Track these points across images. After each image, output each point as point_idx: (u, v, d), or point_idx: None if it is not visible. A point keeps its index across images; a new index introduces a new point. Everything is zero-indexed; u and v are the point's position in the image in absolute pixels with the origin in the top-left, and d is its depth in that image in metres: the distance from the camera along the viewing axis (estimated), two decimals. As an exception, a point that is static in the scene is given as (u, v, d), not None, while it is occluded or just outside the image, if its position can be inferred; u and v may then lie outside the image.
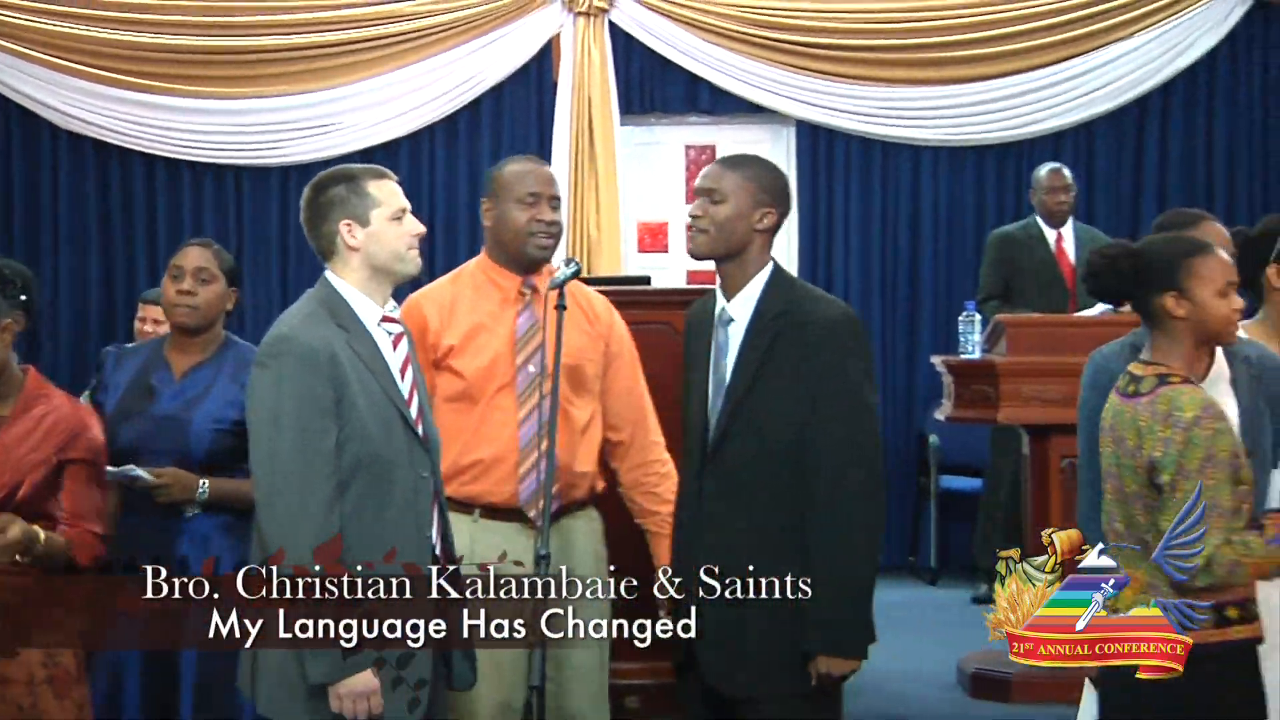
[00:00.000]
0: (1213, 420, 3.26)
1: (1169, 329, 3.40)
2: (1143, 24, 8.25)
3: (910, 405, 8.37)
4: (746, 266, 3.75)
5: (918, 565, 8.15)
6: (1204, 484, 3.22)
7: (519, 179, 3.97)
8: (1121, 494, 3.37)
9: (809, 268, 8.32)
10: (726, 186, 3.71)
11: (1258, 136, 8.48)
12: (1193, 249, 3.49)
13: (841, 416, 3.67)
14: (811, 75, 8.28)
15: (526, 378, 3.93)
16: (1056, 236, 7.41)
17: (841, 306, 3.89)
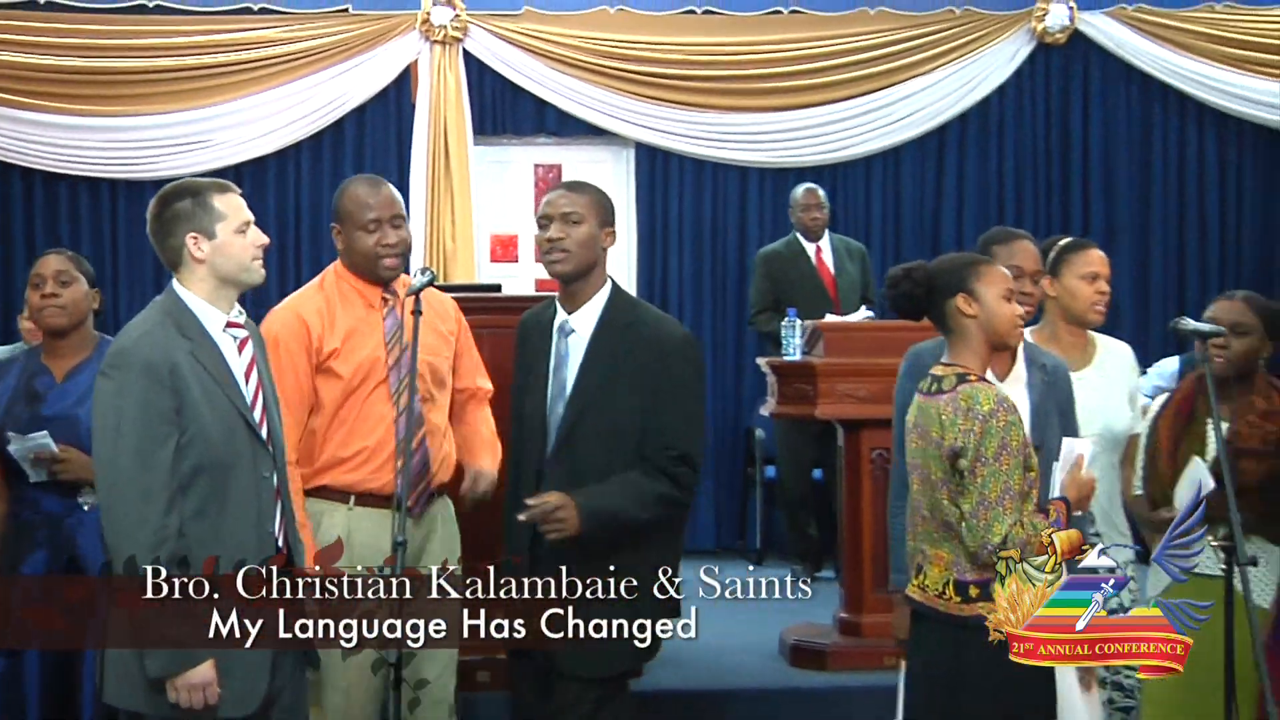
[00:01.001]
0: (1006, 413, 3.37)
1: (963, 329, 3.50)
2: (941, 61, 8.42)
3: (738, 403, 8.43)
4: (591, 283, 3.81)
5: (745, 547, 8.20)
6: (1000, 469, 3.32)
7: (360, 208, 3.93)
8: (929, 481, 3.46)
9: (646, 277, 8.40)
10: (582, 208, 3.78)
11: (1041, 161, 8.67)
12: (977, 259, 3.61)
13: (682, 426, 3.77)
14: (650, 102, 8.33)
15: (398, 375, 3.91)
16: (816, 250, 7.55)
17: (681, 326, 4.03)
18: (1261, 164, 8.75)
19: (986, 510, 3.33)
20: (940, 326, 3.57)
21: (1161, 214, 8.71)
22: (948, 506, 3.42)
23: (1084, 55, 8.61)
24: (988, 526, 3.32)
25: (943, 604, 3.43)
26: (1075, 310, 4.25)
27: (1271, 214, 8.77)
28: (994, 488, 3.33)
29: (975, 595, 3.36)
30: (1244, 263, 8.67)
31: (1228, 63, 8.51)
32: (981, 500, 3.34)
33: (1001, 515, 3.32)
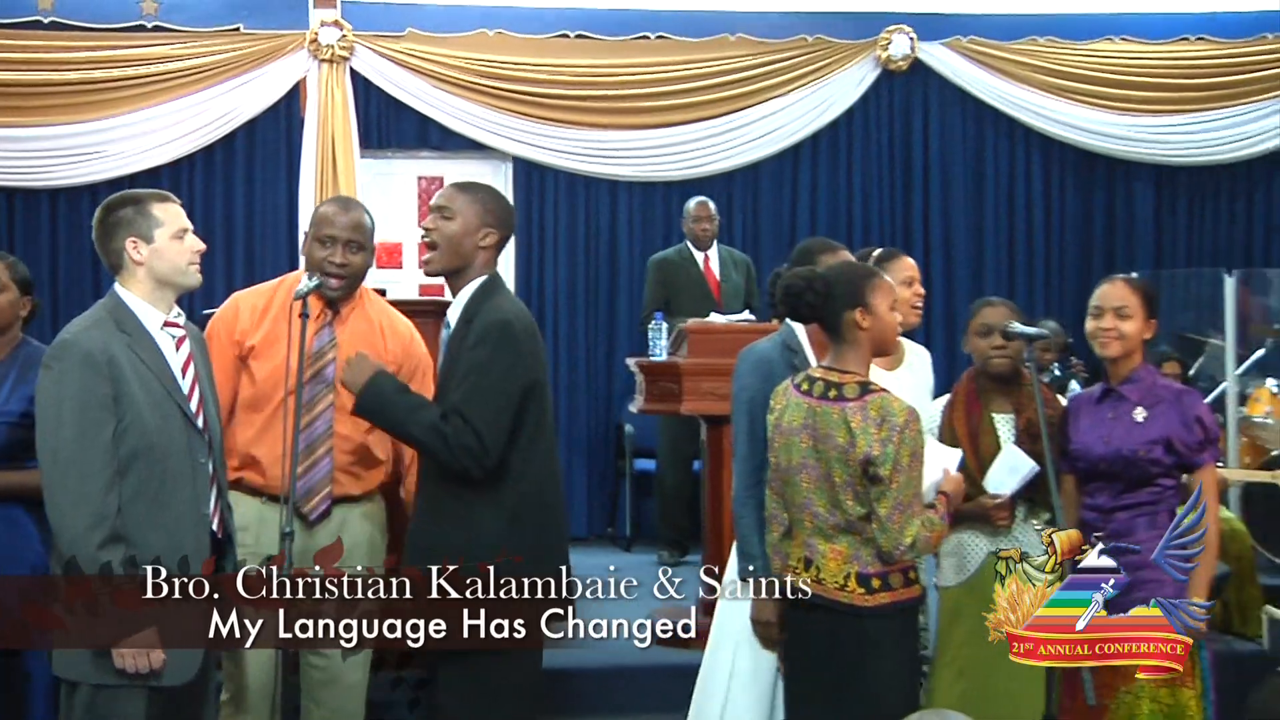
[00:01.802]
0: (916, 423, 3.43)
1: (854, 339, 3.52)
2: (795, 85, 8.50)
3: (609, 399, 8.46)
4: (465, 279, 3.64)
5: (615, 534, 8.26)
6: (912, 476, 3.40)
7: (323, 221, 3.89)
8: (828, 482, 3.47)
9: (524, 284, 8.39)
10: (457, 205, 3.61)
11: (886, 178, 8.78)
12: (872, 273, 3.65)
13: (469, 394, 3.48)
14: (527, 119, 8.32)
15: (315, 387, 3.83)
16: (704, 258, 7.62)
17: (505, 313, 3.60)
18: (1080, 182, 8.96)
19: (901, 514, 3.39)
20: (831, 333, 3.58)
21: (993, 226, 8.89)
22: (852, 506, 3.45)
23: (924, 82, 8.74)
24: (902, 529, 3.38)
25: (845, 596, 3.47)
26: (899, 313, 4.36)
27: (1089, 227, 9.00)
28: (907, 494, 3.39)
29: (878, 586, 3.45)
30: (1066, 270, 8.90)
31: (1051, 91, 8.71)
32: (897, 505, 3.39)
33: (912, 519, 3.39)
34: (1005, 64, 8.69)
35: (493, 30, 8.34)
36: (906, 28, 8.60)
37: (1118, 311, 3.86)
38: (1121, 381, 3.90)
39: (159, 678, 3.18)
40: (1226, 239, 9.08)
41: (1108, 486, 3.85)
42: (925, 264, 8.36)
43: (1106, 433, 3.85)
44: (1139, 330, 3.88)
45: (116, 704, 3.19)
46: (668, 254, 7.76)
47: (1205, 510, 3.73)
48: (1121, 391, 3.89)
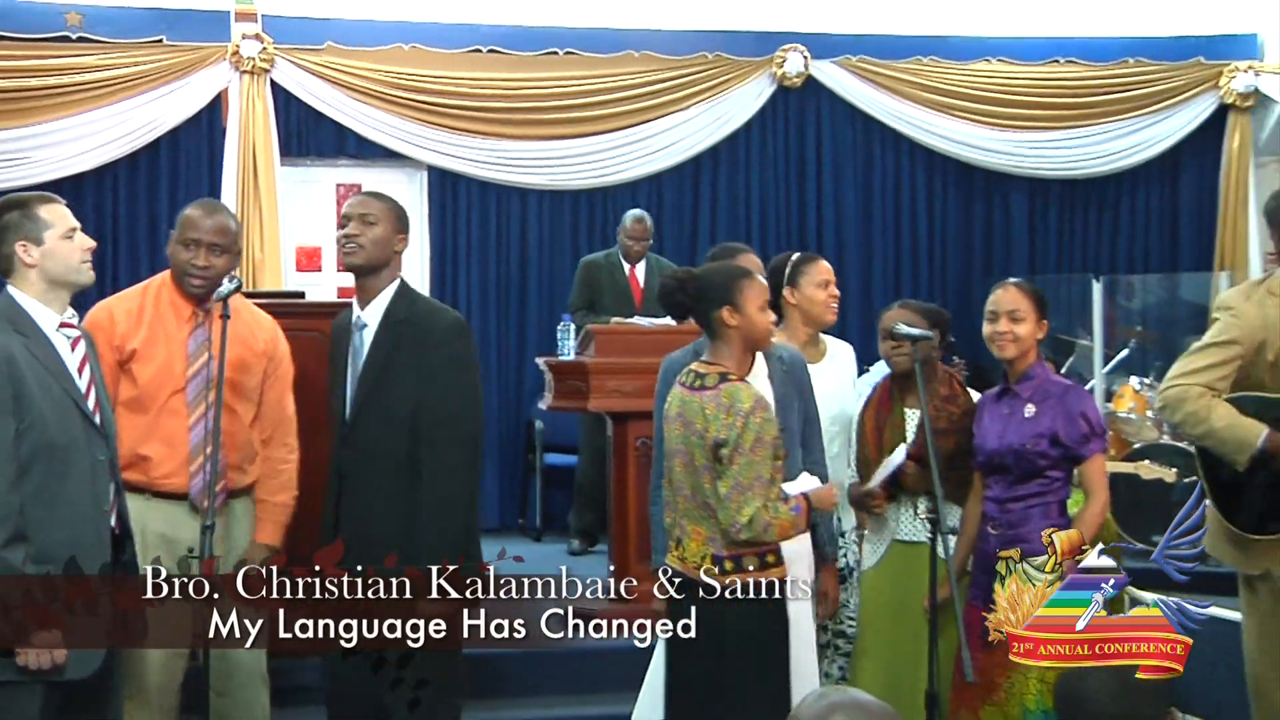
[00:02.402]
0: (763, 411, 3.49)
1: (725, 336, 3.58)
2: (696, 99, 8.52)
3: (519, 396, 8.45)
4: (381, 281, 3.80)
5: (526, 525, 8.22)
6: (753, 459, 3.43)
7: (188, 224, 3.85)
8: (692, 466, 3.52)
9: (438, 286, 8.35)
10: (377, 212, 3.78)
11: (782, 188, 8.83)
12: (741, 274, 3.68)
13: (453, 404, 3.76)
14: (441, 129, 8.28)
15: (197, 386, 3.81)
16: (631, 267, 7.62)
17: (455, 314, 3.98)
18: (960, 193, 9.08)
19: (739, 494, 3.43)
20: (705, 330, 3.65)
21: (881, 233, 8.98)
22: (708, 489, 3.50)
23: (817, 98, 8.80)
24: (738, 508, 3.43)
25: (704, 574, 3.50)
26: (814, 314, 4.38)
27: (968, 234, 9.13)
28: (747, 475, 3.44)
29: (730, 569, 3.48)
30: (948, 274, 9.03)
31: (934, 107, 8.81)
32: (735, 485, 3.44)
33: (751, 499, 3.42)
34: (892, 82, 8.79)
35: (409, 45, 8.29)
36: (801, 47, 8.66)
37: (1011, 315, 3.92)
38: (1017, 380, 3.96)
39: (60, 673, 3.11)
40: (1094, 247, 9.26)
41: (1003, 479, 3.91)
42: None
43: (1001, 428, 3.92)
44: (1032, 332, 3.94)
45: (14, 700, 3.12)
46: (597, 258, 7.72)
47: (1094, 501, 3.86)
48: (1016, 390, 3.95)
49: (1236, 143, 9.03)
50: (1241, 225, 9.00)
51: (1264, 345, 3.85)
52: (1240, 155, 9.03)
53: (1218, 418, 3.79)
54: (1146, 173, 9.20)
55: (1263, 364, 3.86)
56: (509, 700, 5.20)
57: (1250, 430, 3.75)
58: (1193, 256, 9.22)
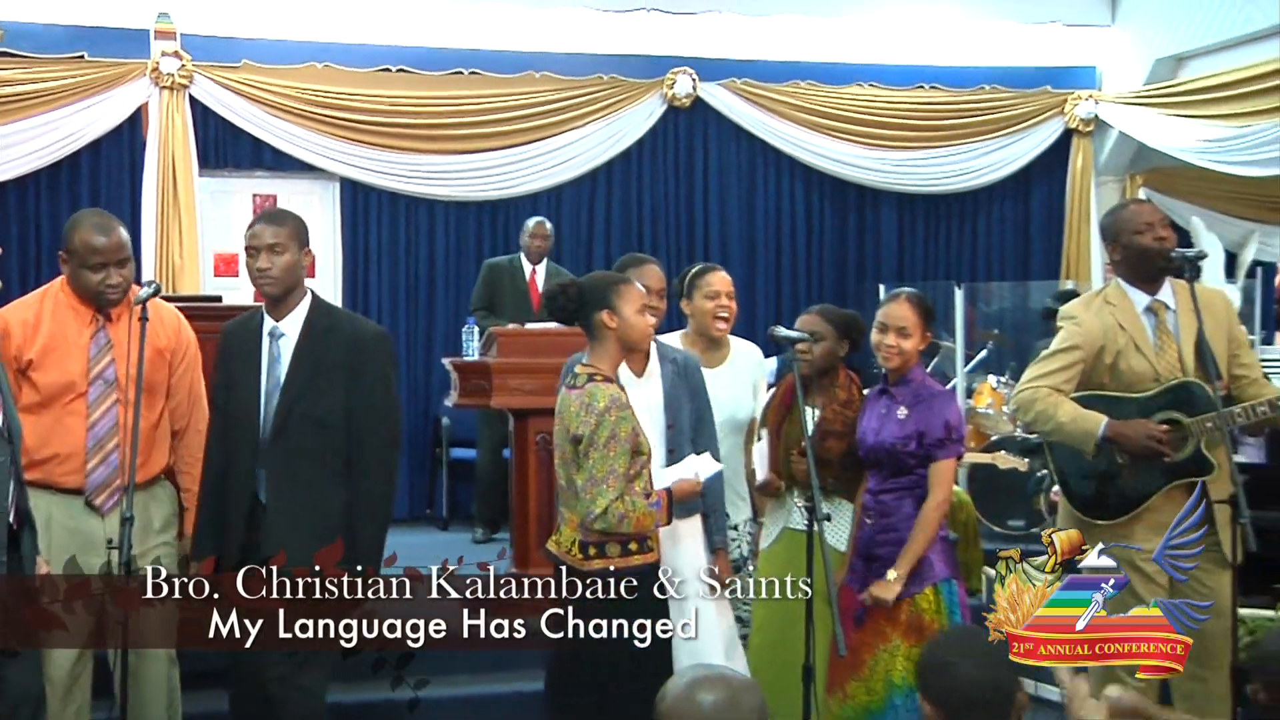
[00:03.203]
0: (619, 410, 3.49)
1: (603, 338, 3.60)
2: (592, 118, 8.54)
3: (427, 395, 8.41)
4: (296, 294, 3.77)
5: (433, 515, 8.22)
6: (607, 454, 3.44)
7: (88, 250, 3.71)
8: (565, 459, 3.56)
9: (349, 292, 8.30)
10: (283, 239, 3.72)
11: (672, 202, 8.89)
12: (619, 280, 3.69)
13: (380, 407, 3.78)
14: (353, 143, 8.20)
15: (99, 388, 3.73)
16: (532, 270, 7.64)
17: (377, 325, 4.02)
18: (835, 208, 9.20)
19: (593, 487, 3.45)
20: (586, 333, 3.67)
21: (763, 244, 9.07)
22: (576, 480, 3.53)
23: (704, 117, 8.86)
24: (592, 500, 3.45)
25: (570, 559, 3.55)
26: (702, 324, 4.43)
27: (843, 245, 9.25)
28: (601, 469, 3.45)
29: (594, 554, 3.52)
30: (825, 282, 9.13)
31: (812, 128, 8.91)
32: (590, 478, 3.46)
33: (605, 491, 3.43)
34: (774, 104, 8.88)
35: (322, 64, 8.22)
36: (689, 70, 8.73)
37: (900, 331, 3.95)
38: (895, 383, 4.01)
39: None
40: (956, 257, 9.43)
41: (878, 472, 3.97)
42: (705, 276, 8.51)
43: (878, 426, 3.97)
44: (916, 345, 3.98)
45: None
46: (500, 261, 7.72)
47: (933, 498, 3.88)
48: (893, 392, 4.00)
49: (1080, 164, 9.29)
50: (1085, 238, 9.25)
51: (1103, 350, 3.98)
52: (1083, 175, 9.29)
53: (1063, 414, 3.92)
54: (1001, 190, 9.41)
55: (1102, 367, 4.00)
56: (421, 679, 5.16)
57: (1093, 421, 3.89)
58: (1042, 266, 9.45)
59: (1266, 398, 3.87)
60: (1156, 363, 3.95)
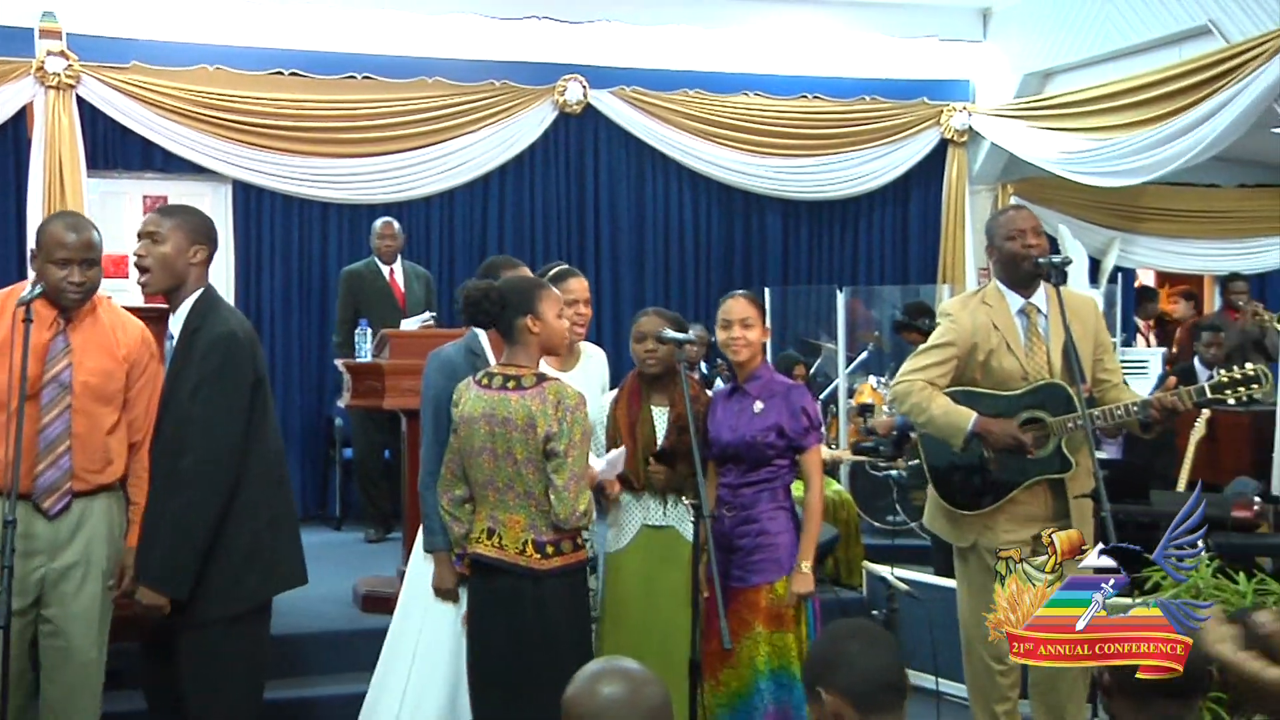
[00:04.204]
0: (583, 406, 3.52)
1: (525, 342, 3.58)
2: (485, 123, 8.52)
3: (320, 396, 8.33)
4: (184, 294, 3.63)
5: (326, 514, 8.15)
6: (582, 452, 3.46)
7: (56, 245, 3.55)
8: (509, 460, 3.49)
9: (242, 294, 8.17)
10: (165, 230, 3.59)
11: (564, 205, 8.90)
12: (541, 285, 3.70)
13: (210, 413, 3.57)
14: (245, 146, 8.07)
15: (53, 391, 3.58)
16: (390, 271, 7.59)
17: (230, 327, 3.64)
18: (722, 213, 9.29)
19: (576, 484, 3.46)
20: (506, 336, 3.63)
21: (653, 247, 9.13)
22: (531, 480, 3.48)
23: (595, 124, 8.88)
24: (576, 498, 3.45)
25: (524, 560, 3.52)
26: None
27: (730, 249, 9.35)
28: (580, 466, 3.47)
29: (551, 552, 3.52)
30: (712, 284, 9.14)
31: (699, 135, 8.98)
32: (572, 476, 3.46)
33: (584, 489, 3.47)
34: (663, 111, 8.93)
35: (213, 66, 8.07)
36: (580, 77, 8.74)
37: (743, 323, 4.04)
38: (746, 379, 4.08)
39: None
40: (838, 261, 9.58)
41: (735, 467, 4.03)
42: (596, 279, 8.56)
43: (733, 422, 4.03)
44: (759, 336, 4.09)
45: None
46: (356, 267, 7.68)
47: (813, 485, 4.00)
48: (745, 388, 4.07)
49: (955, 172, 9.50)
50: (960, 243, 9.46)
51: (976, 347, 4.08)
52: (958, 183, 9.50)
53: (936, 407, 4.02)
54: (881, 197, 9.58)
55: (975, 364, 4.10)
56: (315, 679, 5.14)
57: (963, 416, 3.98)
58: (920, 270, 9.65)
59: (1124, 402, 4.00)
60: (1026, 363, 4.06)
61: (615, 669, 2.24)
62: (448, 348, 4.06)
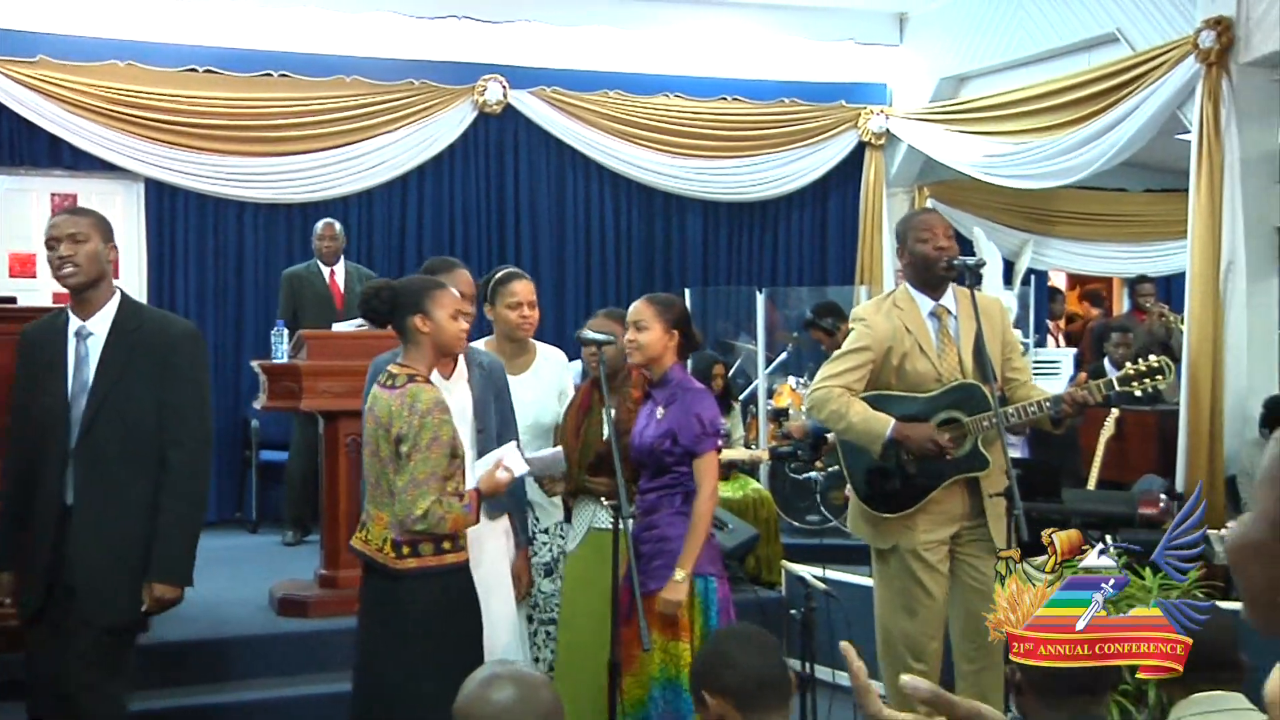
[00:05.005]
0: (441, 412, 3.45)
1: (417, 341, 3.55)
2: (404, 122, 8.45)
3: (236, 397, 8.21)
4: (102, 292, 3.66)
5: (243, 518, 8.04)
6: (429, 456, 3.39)
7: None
8: (377, 456, 3.50)
9: (155, 293, 8.01)
10: (85, 228, 3.61)
11: (484, 205, 8.85)
12: (433, 285, 3.64)
13: (193, 405, 3.71)
14: (158, 143, 7.92)
15: None
16: (330, 273, 7.52)
17: (187, 321, 3.92)
18: (643, 214, 9.30)
19: (414, 489, 3.40)
20: (400, 336, 3.62)
21: (573, 248, 9.12)
22: (392, 479, 3.46)
23: (515, 124, 8.86)
24: (413, 501, 3.40)
25: (382, 557, 3.50)
26: (506, 330, 4.39)
27: (650, 250, 9.37)
28: (423, 471, 3.40)
29: (407, 553, 3.48)
30: (633, 286, 9.12)
31: (620, 136, 8.99)
32: (411, 480, 3.41)
33: (425, 493, 3.39)
34: (583, 112, 8.92)
35: (124, 62, 7.91)
36: (500, 77, 8.70)
37: (636, 325, 3.95)
38: (655, 384, 4.00)
39: None
40: (758, 262, 9.65)
41: (645, 472, 3.96)
42: (516, 280, 8.49)
43: (642, 427, 3.97)
44: (658, 340, 3.92)
45: None
46: (297, 269, 7.60)
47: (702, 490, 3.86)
48: (654, 394, 3.99)
49: (872, 175, 9.61)
50: (877, 245, 9.56)
51: (890, 351, 4.12)
52: (875, 186, 9.61)
53: (855, 414, 4.04)
54: (801, 198, 9.66)
55: (889, 367, 4.14)
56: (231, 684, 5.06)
57: (881, 423, 4.01)
58: (838, 271, 9.74)
59: (1035, 399, 4.07)
60: (939, 364, 4.11)
61: (506, 674, 2.23)
62: (385, 354, 4.03)
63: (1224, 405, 6.75)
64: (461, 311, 3.70)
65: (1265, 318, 6.92)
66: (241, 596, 5.78)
